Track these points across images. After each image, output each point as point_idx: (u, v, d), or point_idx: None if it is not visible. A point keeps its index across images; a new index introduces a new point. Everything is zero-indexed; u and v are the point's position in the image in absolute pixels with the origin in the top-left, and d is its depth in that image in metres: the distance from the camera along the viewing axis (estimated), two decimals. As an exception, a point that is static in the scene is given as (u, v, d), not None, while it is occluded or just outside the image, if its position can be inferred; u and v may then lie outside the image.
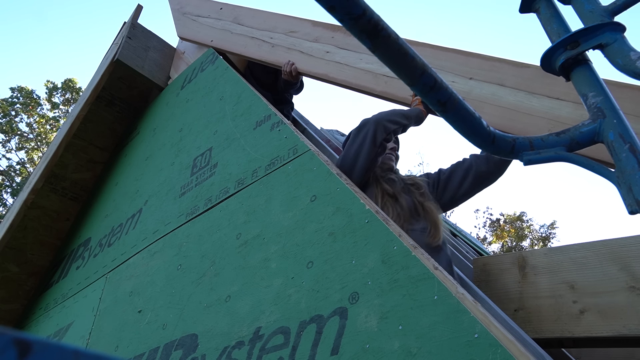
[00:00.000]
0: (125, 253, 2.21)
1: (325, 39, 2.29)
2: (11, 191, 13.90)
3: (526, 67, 1.68)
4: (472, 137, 0.75)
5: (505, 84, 1.68)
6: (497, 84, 1.69)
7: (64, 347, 0.20)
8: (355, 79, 2.08)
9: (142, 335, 1.75)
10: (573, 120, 1.47)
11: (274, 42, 2.48)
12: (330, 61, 2.20)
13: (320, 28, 2.35)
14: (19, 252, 3.00)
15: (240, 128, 2.00)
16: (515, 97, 1.64)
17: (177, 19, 3.21)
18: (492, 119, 1.64)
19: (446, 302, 1.01)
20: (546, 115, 1.54)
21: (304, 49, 2.35)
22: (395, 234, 1.19)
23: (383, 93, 1.97)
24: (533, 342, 1.42)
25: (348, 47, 2.18)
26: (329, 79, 2.18)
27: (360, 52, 2.11)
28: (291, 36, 2.43)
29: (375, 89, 2.00)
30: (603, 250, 1.52)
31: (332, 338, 1.13)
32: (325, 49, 2.26)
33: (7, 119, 14.13)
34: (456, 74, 1.82)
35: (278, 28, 2.52)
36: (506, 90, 1.67)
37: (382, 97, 1.98)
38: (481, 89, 1.72)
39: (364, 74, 2.06)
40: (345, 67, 2.14)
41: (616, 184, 0.69)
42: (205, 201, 1.90)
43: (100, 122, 3.15)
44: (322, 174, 1.48)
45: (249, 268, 1.50)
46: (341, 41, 2.23)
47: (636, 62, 0.72)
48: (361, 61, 2.10)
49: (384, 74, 1.98)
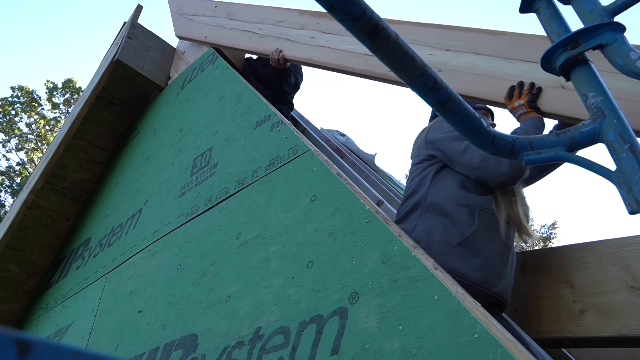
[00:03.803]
0: (125, 253, 2.21)
1: (310, 26, 2.36)
2: (11, 191, 13.90)
3: (502, 34, 1.68)
4: (471, 137, 0.75)
5: (481, 52, 1.69)
6: (473, 53, 1.70)
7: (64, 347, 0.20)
8: (337, 60, 2.13)
9: (142, 335, 1.75)
10: (547, 82, 1.48)
11: (263, 32, 2.56)
12: (315, 45, 2.26)
13: (307, 16, 2.41)
14: (19, 252, 3.00)
15: (240, 128, 2.00)
16: (490, 64, 1.64)
17: (175, 20, 3.25)
18: (469, 87, 1.64)
19: (446, 302, 1.01)
20: (520, 78, 1.55)
21: (290, 36, 2.41)
22: (395, 234, 1.19)
23: (363, 71, 2.00)
24: (533, 342, 1.42)
25: (332, 31, 2.23)
26: (312, 62, 2.23)
27: (343, 34, 2.16)
28: (279, 26, 2.51)
29: (356, 68, 2.03)
30: (603, 250, 1.52)
31: (332, 338, 1.13)
32: (310, 35, 2.32)
33: (7, 118, 14.13)
34: (434, 47, 1.82)
35: (267, 20, 2.60)
36: (482, 58, 1.67)
37: (363, 75, 2.01)
38: (458, 59, 1.73)
39: (345, 54, 2.10)
40: (328, 50, 2.18)
41: (616, 184, 0.69)
42: (205, 201, 1.90)
43: (100, 122, 3.15)
44: (322, 174, 1.48)
45: (249, 268, 1.50)
46: (325, 26, 2.28)
47: (636, 62, 0.72)
48: (344, 43, 2.14)
49: (365, 53, 2.01)
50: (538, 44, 1.56)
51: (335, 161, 2.41)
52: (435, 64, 1.76)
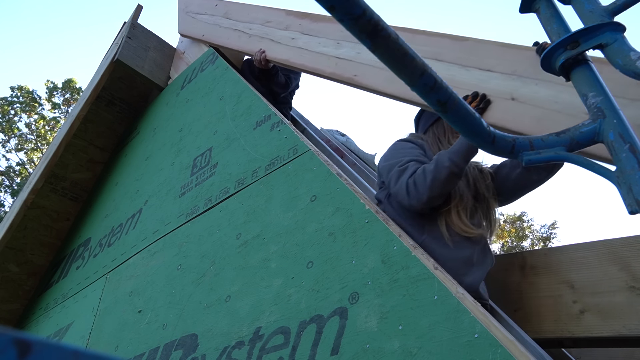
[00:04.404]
0: (125, 253, 2.21)
1: (294, 27, 2.35)
2: (11, 191, 13.90)
3: (465, 40, 1.67)
4: (472, 137, 0.75)
5: (442, 58, 1.67)
6: (434, 59, 1.68)
7: (64, 347, 0.20)
8: (311, 63, 2.12)
9: (142, 335, 1.75)
10: (499, 93, 1.44)
11: (252, 32, 2.57)
12: (294, 47, 2.26)
13: (292, 17, 2.41)
14: (19, 252, 3.00)
15: (240, 128, 2.00)
16: (448, 71, 1.62)
17: (180, 18, 3.29)
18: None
19: (446, 302, 1.01)
20: (474, 88, 1.51)
21: (275, 37, 2.42)
22: (395, 234, 1.19)
23: (331, 74, 2.00)
24: (533, 342, 1.42)
25: (311, 32, 2.23)
26: (290, 63, 2.23)
27: (320, 36, 2.16)
28: (266, 26, 2.52)
29: (325, 71, 2.03)
30: (603, 250, 1.52)
31: (332, 338, 1.13)
32: (291, 36, 2.32)
33: (7, 118, 14.12)
34: None
35: (257, 19, 2.61)
36: (441, 64, 1.65)
37: (331, 78, 2.01)
38: None
39: (319, 57, 2.10)
40: (304, 52, 2.18)
41: (616, 184, 0.69)
42: (205, 201, 1.90)
43: (100, 122, 3.15)
44: (322, 174, 1.48)
45: (249, 268, 1.50)
46: (306, 27, 2.27)
47: (636, 62, 0.72)
48: (319, 45, 2.14)
49: (336, 56, 2.01)
50: (497, 51, 1.55)
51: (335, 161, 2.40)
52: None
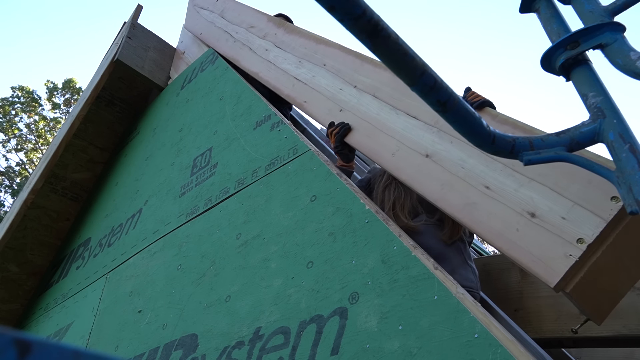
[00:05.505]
0: (125, 253, 2.21)
1: (270, 36, 2.28)
2: (11, 191, 13.90)
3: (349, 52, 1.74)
4: (471, 137, 0.75)
5: (379, 95, 1.64)
6: (373, 95, 1.65)
7: (64, 347, 0.20)
8: (274, 80, 2.08)
9: (142, 335, 1.75)
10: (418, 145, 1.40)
11: (237, 37, 2.51)
12: (265, 60, 2.20)
13: (271, 24, 2.34)
14: (19, 252, 3.00)
15: (240, 128, 2.00)
16: (379, 113, 1.59)
17: (189, 10, 3.27)
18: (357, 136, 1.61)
19: (446, 302, 1.01)
20: (397, 135, 1.48)
21: (253, 45, 2.35)
22: (395, 234, 1.19)
23: (288, 96, 1.98)
24: (533, 342, 1.42)
25: (282, 45, 2.16)
26: (258, 77, 2.19)
27: (287, 51, 2.11)
28: (249, 31, 2.45)
29: (283, 92, 2.00)
30: (603, 250, 1.51)
31: (332, 338, 1.13)
32: (265, 47, 2.25)
33: (7, 118, 14.12)
34: (346, 81, 1.78)
35: (244, 23, 2.54)
36: (376, 103, 1.63)
37: (288, 98, 1.98)
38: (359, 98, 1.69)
39: (282, 74, 2.05)
40: (272, 67, 2.13)
41: (616, 184, 0.69)
42: (205, 201, 1.90)
43: (100, 122, 3.15)
44: (322, 174, 1.48)
45: (249, 268, 1.50)
46: (279, 39, 2.20)
47: (636, 62, 0.72)
48: (285, 61, 2.08)
49: (295, 77, 1.98)
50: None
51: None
52: (340, 101, 1.73)
